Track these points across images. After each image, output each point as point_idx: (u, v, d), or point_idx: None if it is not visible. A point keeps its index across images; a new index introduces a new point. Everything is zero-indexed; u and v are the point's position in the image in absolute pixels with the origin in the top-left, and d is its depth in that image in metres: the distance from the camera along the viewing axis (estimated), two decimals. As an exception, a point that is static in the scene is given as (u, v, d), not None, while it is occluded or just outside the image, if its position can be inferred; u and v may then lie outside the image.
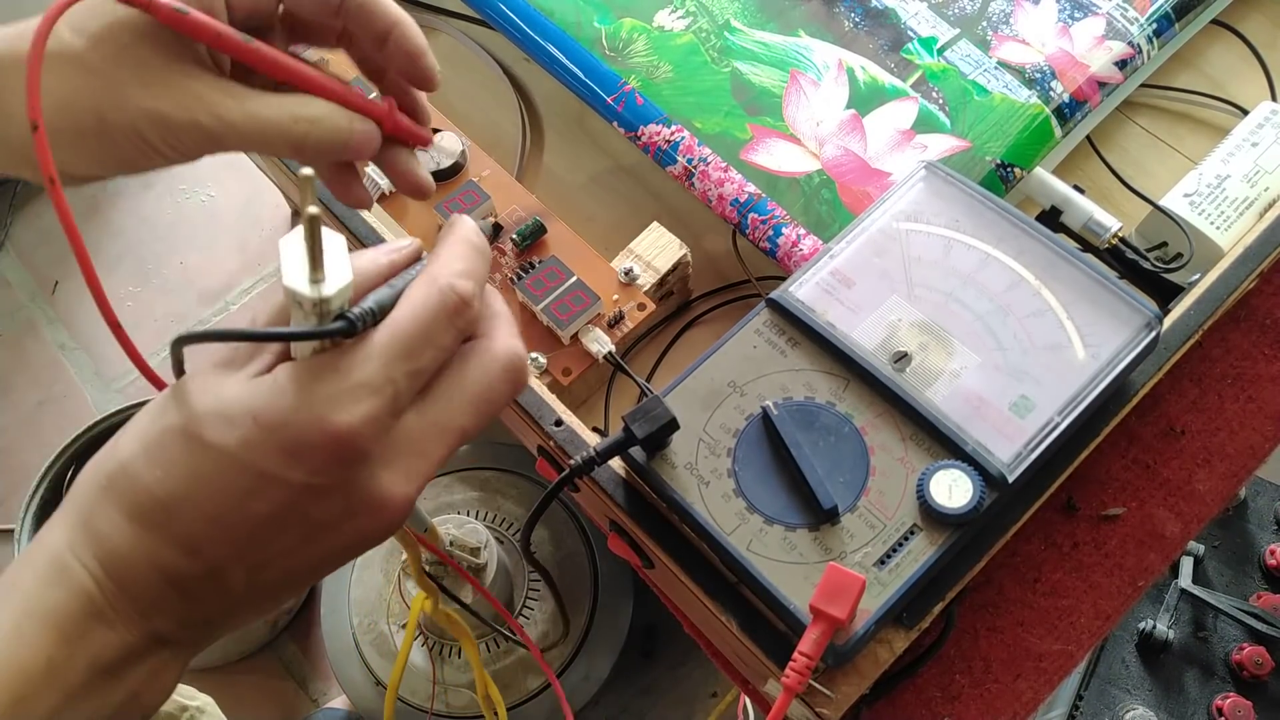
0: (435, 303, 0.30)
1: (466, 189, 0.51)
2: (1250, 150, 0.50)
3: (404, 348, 0.29)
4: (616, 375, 0.52)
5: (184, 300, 1.41)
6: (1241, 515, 0.91)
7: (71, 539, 0.30)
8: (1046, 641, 0.45)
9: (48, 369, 1.40)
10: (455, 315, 0.30)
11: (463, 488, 1.12)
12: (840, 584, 0.35)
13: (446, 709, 1.03)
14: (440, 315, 0.30)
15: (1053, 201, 0.50)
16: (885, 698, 0.44)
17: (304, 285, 0.28)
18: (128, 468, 0.30)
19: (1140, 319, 0.40)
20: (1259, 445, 0.48)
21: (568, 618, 0.45)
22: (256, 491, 0.28)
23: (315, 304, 0.28)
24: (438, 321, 0.30)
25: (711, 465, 0.39)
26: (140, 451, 0.29)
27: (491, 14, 0.57)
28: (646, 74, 0.53)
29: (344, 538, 0.30)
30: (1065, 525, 0.47)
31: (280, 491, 0.29)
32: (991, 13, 0.54)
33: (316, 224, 0.27)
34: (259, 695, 1.18)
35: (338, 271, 0.28)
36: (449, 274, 0.31)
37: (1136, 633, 0.84)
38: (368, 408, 0.28)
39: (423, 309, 0.30)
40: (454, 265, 0.31)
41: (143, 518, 0.29)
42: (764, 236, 0.49)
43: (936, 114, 0.51)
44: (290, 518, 0.29)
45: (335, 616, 1.10)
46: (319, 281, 0.28)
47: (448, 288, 0.30)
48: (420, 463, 0.30)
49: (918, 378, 0.40)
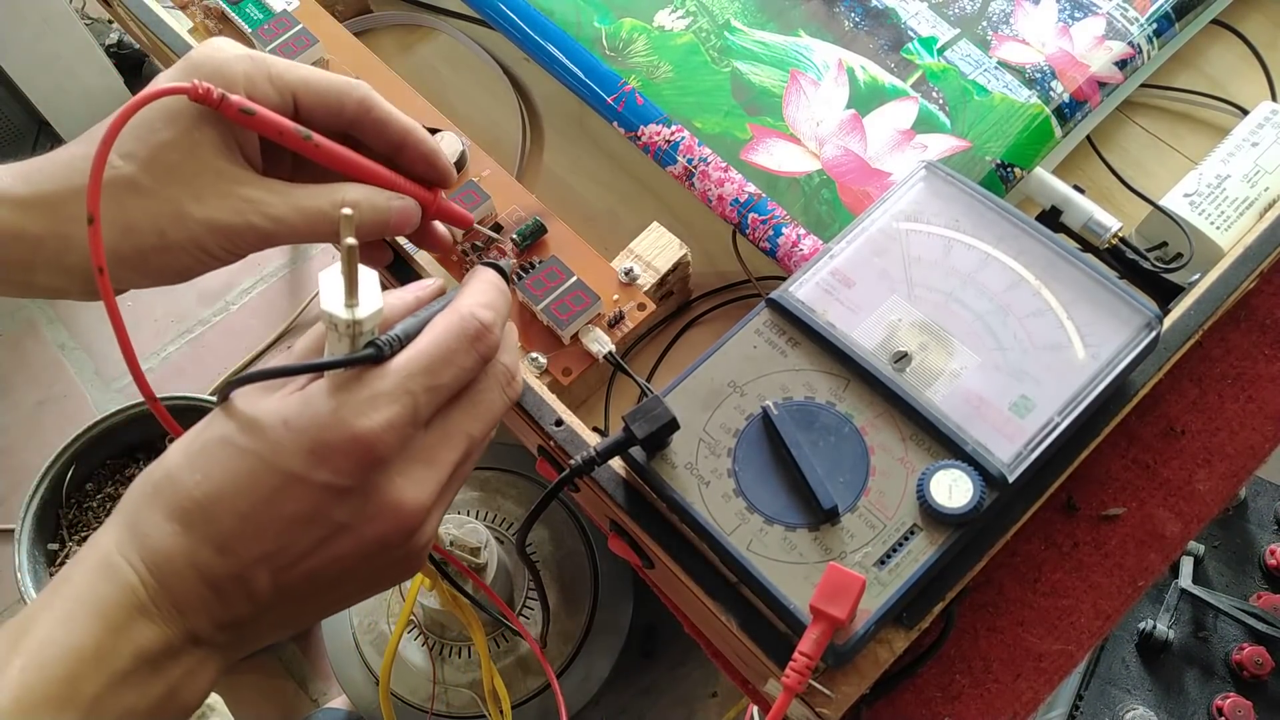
0: (456, 327, 0.34)
1: (466, 189, 0.51)
2: (1250, 150, 0.50)
3: (424, 365, 0.32)
4: (616, 375, 0.52)
5: (184, 300, 1.41)
6: (1241, 515, 0.91)
7: (120, 540, 0.32)
8: (1046, 641, 0.45)
9: (48, 369, 1.40)
10: (476, 340, 0.34)
11: (463, 488, 1.12)
12: (840, 584, 0.35)
13: (447, 709, 1.03)
14: (461, 338, 0.33)
15: (1053, 201, 0.50)
16: (885, 698, 0.44)
17: (340, 309, 0.31)
18: (172, 474, 0.32)
19: (1140, 319, 0.40)
20: (1259, 445, 0.48)
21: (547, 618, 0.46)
22: (284, 490, 0.31)
23: (349, 325, 0.31)
24: (459, 343, 0.33)
25: (711, 465, 0.39)
26: (183, 461, 0.32)
27: (491, 14, 0.57)
28: (646, 74, 0.53)
29: (362, 541, 0.32)
30: (1065, 525, 0.47)
31: (305, 491, 0.31)
32: (991, 13, 0.54)
33: (354, 254, 0.31)
34: (259, 695, 1.18)
35: (370, 298, 0.32)
36: (470, 304, 0.35)
37: (1136, 633, 0.84)
38: (387, 415, 0.31)
39: (444, 332, 0.33)
40: (476, 298, 0.35)
41: (183, 519, 0.32)
42: (764, 236, 0.49)
43: (936, 114, 0.51)
44: (314, 517, 0.31)
45: (335, 617, 1.10)
46: (353, 306, 0.31)
47: (469, 315, 0.34)
48: (431, 470, 0.33)
49: (918, 378, 0.40)
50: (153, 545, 0.32)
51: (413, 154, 0.41)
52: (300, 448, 0.31)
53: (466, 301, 0.35)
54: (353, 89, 0.39)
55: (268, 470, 0.31)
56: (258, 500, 0.31)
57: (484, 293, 0.36)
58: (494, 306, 0.35)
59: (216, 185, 0.37)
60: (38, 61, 1.41)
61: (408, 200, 0.41)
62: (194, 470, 0.32)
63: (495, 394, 0.35)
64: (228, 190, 0.37)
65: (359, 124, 0.40)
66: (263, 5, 0.56)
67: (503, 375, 0.35)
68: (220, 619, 0.32)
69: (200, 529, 0.31)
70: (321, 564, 0.32)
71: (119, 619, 0.31)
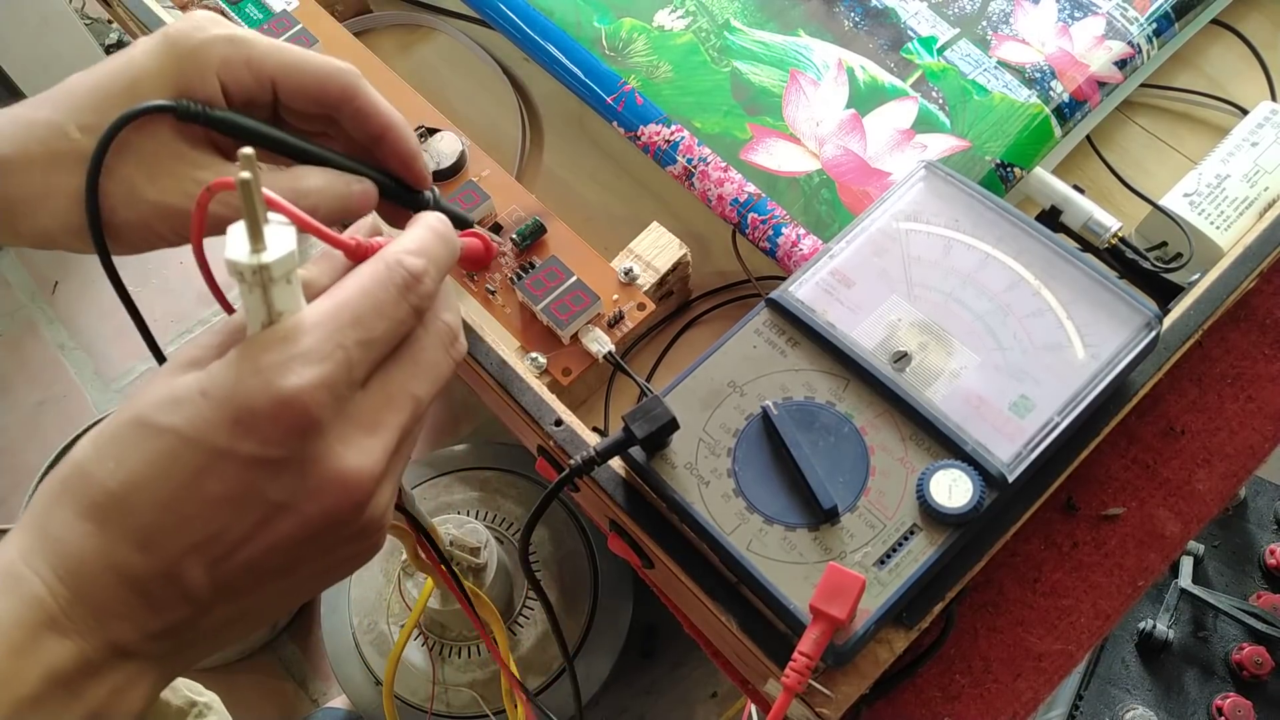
0: (382, 275, 0.30)
1: (466, 189, 0.51)
2: (1250, 150, 0.50)
3: (352, 315, 0.29)
4: (616, 375, 0.52)
5: (184, 300, 1.41)
6: (1241, 515, 0.91)
7: (24, 547, 0.28)
8: (1046, 641, 0.45)
9: (48, 369, 1.40)
10: (405, 290, 0.31)
11: (463, 488, 1.12)
12: (840, 584, 0.35)
13: (446, 709, 1.03)
14: (388, 287, 0.30)
15: (1053, 201, 0.50)
16: (885, 698, 0.44)
17: (244, 255, 0.27)
18: (81, 467, 0.29)
19: (1140, 319, 0.40)
20: (1259, 445, 0.48)
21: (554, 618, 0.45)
22: (208, 469, 0.28)
23: (255, 271, 0.27)
24: (386, 293, 0.30)
25: (711, 465, 0.39)
26: (93, 451, 0.29)
27: (491, 14, 0.57)
28: (646, 74, 0.53)
29: (306, 521, 0.29)
30: (1065, 525, 0.47)
31: (232, 467, 0.28)
32: (991, 12, 0.54)
33: (249, 188, 0.27)
34: (259, 695, 1.18)
35: (280, 241, 0.28)
36: (398, 250, 0.31)
37: (1136, 633, 0.84)
38: (317, 372, 0.28)
39: (369, 280, 0.30)
40: (405, 244, 0.32)
41: (96, 513, 0.28)
42: (764, 236, 0.49)
43: (936, 114, 0.51)
44: (246, 497, 0.28)
45: (335, 616, 1.10)
46: (259, 251, 0.27)
47: (394, 263, 0.31)
48: (375, 436, 0.30)
49: (918, 377, 0.40)
50: (63, 549, 0.28)
51: (389, 150, 0.39)
52: (222, 418, 0.27)
53: (394, 248, 0.32)
54: (336, 77, 0.37)
55: (188, 448, 0.27)
56: (180, 484, 0.28)
57: (417, 239, 0.32)
58: (426, 253, 0.32)
59: (173, 167, 0.36)
60: (38, 61, 1.41)
61: (367, 184, 0.39)
62: (105, 459, 0.28)
63: (439, 352, 0.32)
64: (184, 173, 0.36)
65: (339, 112, 0.38)
66: (262, 5, 0.56)
67: (445, 334, 0.33)
68: (149, 627, 0.29)
69: (117, 524, 0.28)
70: (262, 551, 0.29)
71: (19, 638, 0.27)
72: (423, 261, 0.32)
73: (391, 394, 0.31)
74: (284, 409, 0.27)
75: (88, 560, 0.28)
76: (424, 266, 0.31)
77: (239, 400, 0.27)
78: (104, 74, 0.36)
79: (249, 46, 0.36)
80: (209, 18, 0.37)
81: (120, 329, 1.40)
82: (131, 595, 0.28)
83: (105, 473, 0.28)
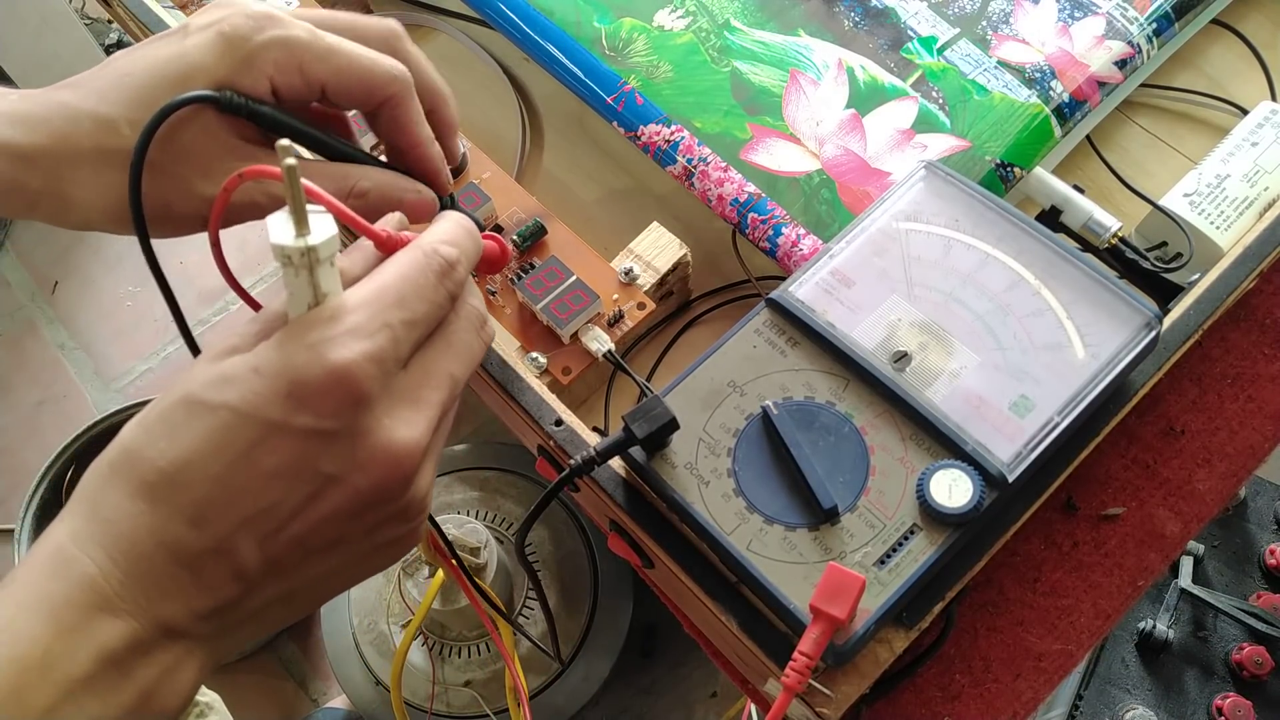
0: (420, 261, 0.32)
1: (467, 191, 0.51)
2: (1250, 150, 0.50)
3: (396, 297, 0.31)
4: (616, 375, 0.52)
5: (184, 300, 1.40)
6: (1241, 515, 0.91)
7: (75, 530, 0.29)
8: (1046, 641, 0.45)
9: (48, 369, 1.40)
10: (442, 275, 0.32)
11: (463, 488, 1.12)
12: (840, 584, 0.35)
13: (446, 709, 1.03)
14: (427, 272, 0.32)
15: (1053, 201, 0.50)
16: (885, 697, 0.44)
17: (290, 239, 0.28)
18: (130, 448, 0.29)
19: (1140, 319, 0.40)
20: (1259, 445, 0.48)
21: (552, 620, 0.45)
22: (262, 443, 0.28)
23: (303, 254, 0.28)
24: (425, 277, 0.32)
25: (711, 465, 0.39)
26: (142, 434, 0.29)
27: (491, 14, 0.57)
28: (646, 74, 0.53)
29: (355, 493, 0.30)
30: (1065, 525, 0.47)
31: (286, 440, 0.28)
32: (991, 12, 0.54)
33: (294, 173, 0.27)
34: (259, 695, 1.18)
35: (323, 225, 0.29)
36: (433, 240, 0.33)
37: (1136, 632, 0.84)
38: (366, 346, 0.29)
39: (409, 265, 0.32)
40: (439, 234, 0.34)
41: (148, 492, 0.29)
42: (764, 236, 0.49)
43: (936, 113, 0.51)
44: (298, 470, 0.29)
45: (335, 616, 1.10)
46: (305, 235, 0.28)
47: (431, 250, 0.33)
48: (419, 411, 0.31)
49: (917, 377, 0.40)
50: (115, 530, 0.28)
51: (412, 161, 0.40)
52: (276, 392, 0.28)
53: (429, 238, 0.33)
54: (384, 87, 0.38)
55: (242, 422, 0.28)
56: (233, 458, 0.28)
57: (448, 231, 0.34)
58: (458, 243, 0.34)
59: (226, 163, 0.37)
60: (38, 61, 1.41)
61: (425, 192, 0.40)
62: (156, 439, 0.29)
63: (471, 335, 0.33)
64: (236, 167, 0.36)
65: (377, 115, 0.39)
66: (262, 5, 0.56)
67: (476, 318, 0.34)
68: (199, 606, 0.29)
69: (168, 501, 0.28)
70: (311, 525, 0.29)
71: (72, 619, 0.28)
72: (456, 250, 0.33)
73: (431, 373, 0.32)
74: (336, 382, 0.28)
75: (140, 539, 0.28)
76: (458, 255, 0.33)
77: (292, 374, 0.28)
78: (155, 65, 0.36)
79: (304, 50, 0.36)
80: (264, 13, 0.37)
81: (120, 329, 1.40)
82: (183, 573, 0.29)
83: (156, 452, 0.29)
